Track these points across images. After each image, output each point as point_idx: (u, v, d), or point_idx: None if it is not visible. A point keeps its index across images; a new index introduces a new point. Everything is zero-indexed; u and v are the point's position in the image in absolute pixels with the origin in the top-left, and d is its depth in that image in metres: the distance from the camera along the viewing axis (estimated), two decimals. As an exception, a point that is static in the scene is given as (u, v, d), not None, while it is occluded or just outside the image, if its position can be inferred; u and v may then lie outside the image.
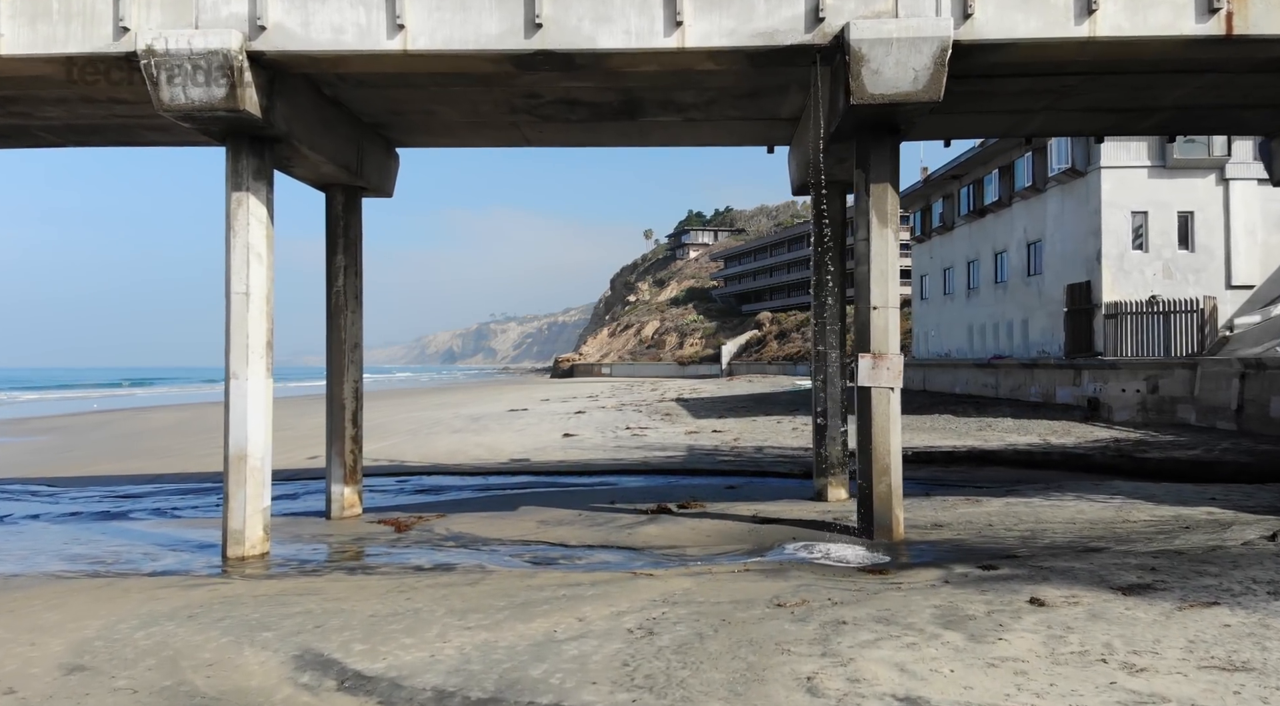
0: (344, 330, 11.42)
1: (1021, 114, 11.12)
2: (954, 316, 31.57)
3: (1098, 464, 14.31)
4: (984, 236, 28.38)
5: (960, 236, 30.54)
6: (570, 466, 15.64)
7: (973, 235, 29.37)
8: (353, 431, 11.50)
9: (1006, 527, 9.08)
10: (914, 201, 33.94)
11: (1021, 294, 25.18)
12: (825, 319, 11.26)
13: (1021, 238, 25.05)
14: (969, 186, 28.61)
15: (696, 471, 14.85)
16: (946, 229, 31.53)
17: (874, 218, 8.72)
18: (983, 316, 28.79)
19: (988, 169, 26.87)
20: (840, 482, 11.18)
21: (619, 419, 26.50)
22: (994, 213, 27.18)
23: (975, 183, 28.07)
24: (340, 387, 11.42)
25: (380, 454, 18.53)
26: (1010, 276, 26.18)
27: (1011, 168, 25.15)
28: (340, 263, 11.41)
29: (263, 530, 9.06)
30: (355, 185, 11.41)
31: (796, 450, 16.80)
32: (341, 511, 11.29)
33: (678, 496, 11.99)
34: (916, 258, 35.89)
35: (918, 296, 35.90)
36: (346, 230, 11.45)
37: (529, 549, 8.80)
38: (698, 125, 11.18)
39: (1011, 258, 25.98)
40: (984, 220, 28.24)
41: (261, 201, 9.09)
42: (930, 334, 33.63)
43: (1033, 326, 24.48)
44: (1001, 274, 27.00)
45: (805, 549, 8.28)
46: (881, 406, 8.62)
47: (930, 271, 33.65)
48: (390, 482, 14.87)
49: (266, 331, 9.14)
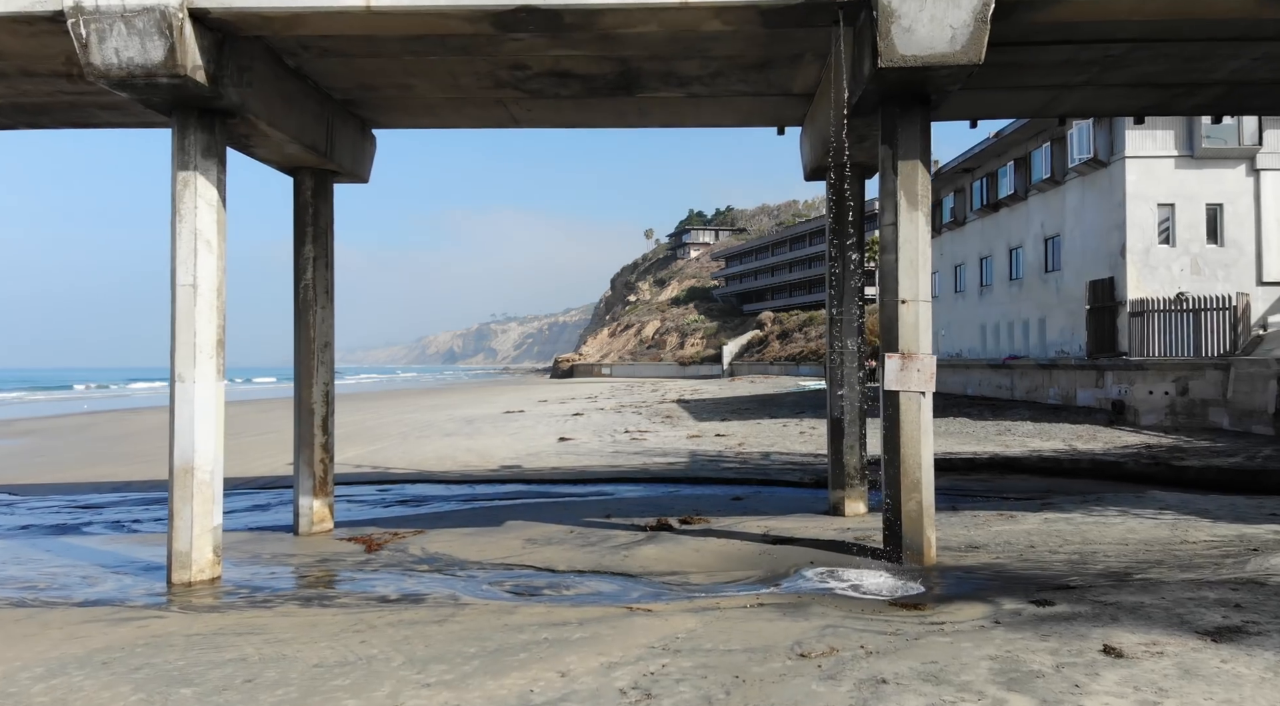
0: (313, 328, 10.40)
1: (1058, 90, 10.10)
2: (966, 315, 30.51)
3: (1132, 472, 13.28)
4: (998, 232, 27.34)
5: (972, 232, 29.47)
6: (564, 474, 14.62)
7: (985, 230, 28.31)
8: (323, 439, 10.47)
9: (1051, 549, 8.05)
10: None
11: (1038, 291, 24.13)
12: (842, 315, 10.23)
13: (1039, 232, 23.99)
14: (982, 180, 27.55)
15: (699, 480, 13.83)
16: (957, 224, 30.45)
17: (902, 200, 7.70)
18: (996, 315, 27.75)
19: (1002, 161, 25.82)
20: (859, 495, 10.15)
21: (618, 421, 25.48)
22: (1008, 207, 26.12)
23: (989, 176, 27.02)
24: (309, 391, 10.39)
25: (365, 459, 17.54)
26: (1026, 273, 25.13)
27: (1028, 159, 24.09)
28: (309, 253, 10.40)
29: (212, 552, 8.04)
30: (325, 168, 10.39)
31: (806, 456, 15.78)
32: (310, 527, 10.28)
33: (679, 509, 10.98)
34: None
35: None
36: (316, 218, 10.43)
37: (511, 574, 7.77)
38: (701, 102, 10.15)
39: (1027, 253, 24.93)
40: (998, 215, 27.19)
41: (211, 182, 8.07)
42: (940, 333, 32.56)
43: (1050, 325, 23.43)
44: (1017, 270, 25.95)
45: (826, 576, 7.25)
46: (911, 413, 7.60)
47: (940, 269, 32.57)
48: (371, 492, 13.87)
49: (217, 328, 8.12)
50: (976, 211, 28.32)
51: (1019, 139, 24.13)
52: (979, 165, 27.79)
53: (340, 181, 11.00)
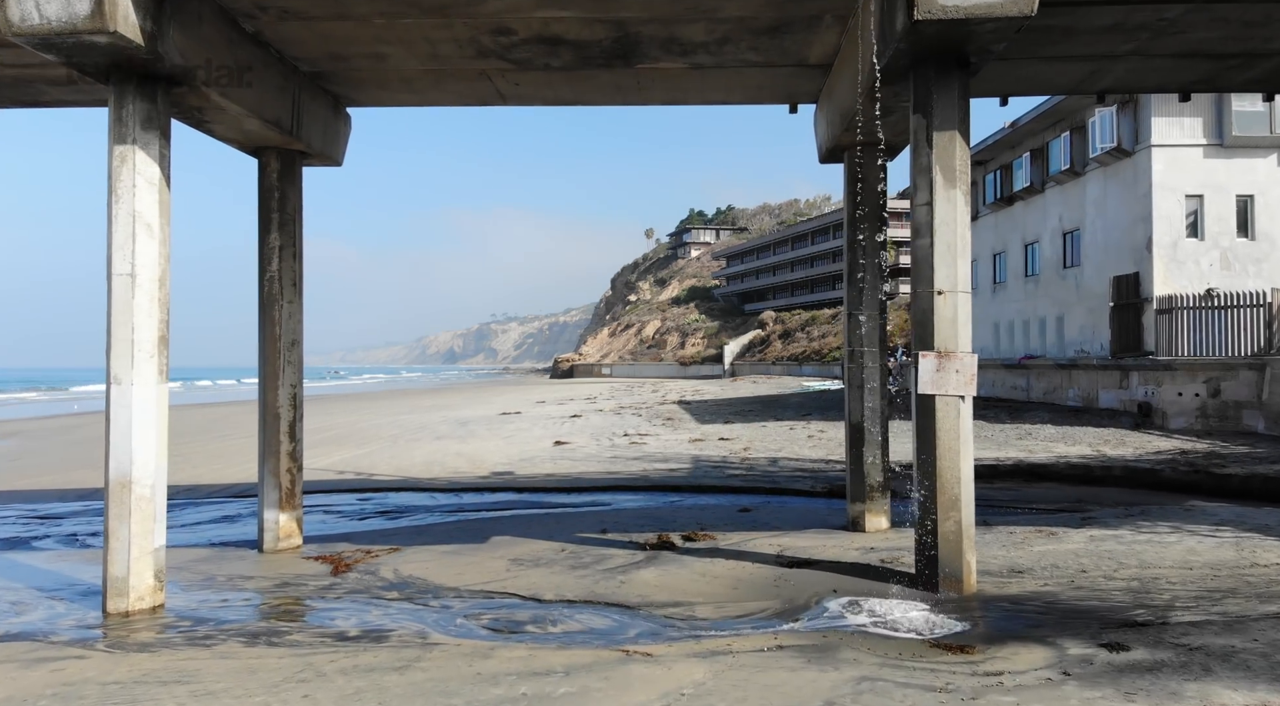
0: (278, 324, 9.44)
1: (1101, 61, 9.13)
2: (978, 313, 29.44)
3: (1169, 481, 12.32)
4: (1012, 226, 26.34)
5: (985, 227, 28.46)
6: (558, 482, 13.66)
7: (999, 225, 27.30)
8: (290, 446, 9.51)
9: (1106, 574, 7.09)
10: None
11: (1056, 288, 23.14)
12: (861, 310, 9.27)
13: (1056, 226, 23.00)
14: (995, 172, 26.55)
15: (703, 488, 12.87)
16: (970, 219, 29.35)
17: (938, 176, 6.75)
18: (1011, 313, 26.75)
19: (1016, 152, 24.83)
20: (881, 509, 9.19)
21: (617, 424, 24.52)
22: (1024, 200, 25.12)
23: (1003, 168, 26.03)
24: (274, 394, 9.43)
25: (351, 464, 16.59)
26: (1043, 269, 24.13)
27: (1044, 150, 23.10)
28: (275, 242, 9.44)
29: (153, 577, 7.09)
30: (292, 148, 9.44)
31: (817, 463, 14.81)
32: (276, 543, 9.32)
33: (682, 522, 10.03)
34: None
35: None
36: (282, 203, 9.47)
37: (491, 605, 6.81)
38: (707, 74, 9.19)
39: (1044, 249, 23.93)
40: (1012, 209, 26.20)
41: (152, 158, 7.12)
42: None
43: (1069, 323, 22.44)
44: (1033, 266, 24.96)
45: (853, 608, 6.29)
46: (949, 420, 6.64)
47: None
48: (351, 501, 12.92)
49: (159, 323, 7.16)
50: (989, 206, 27.32)
51: (1035, 129, 23.14)
52: (992, 157, 26.79)
53: (310, 164, 10.04)
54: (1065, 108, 21.31)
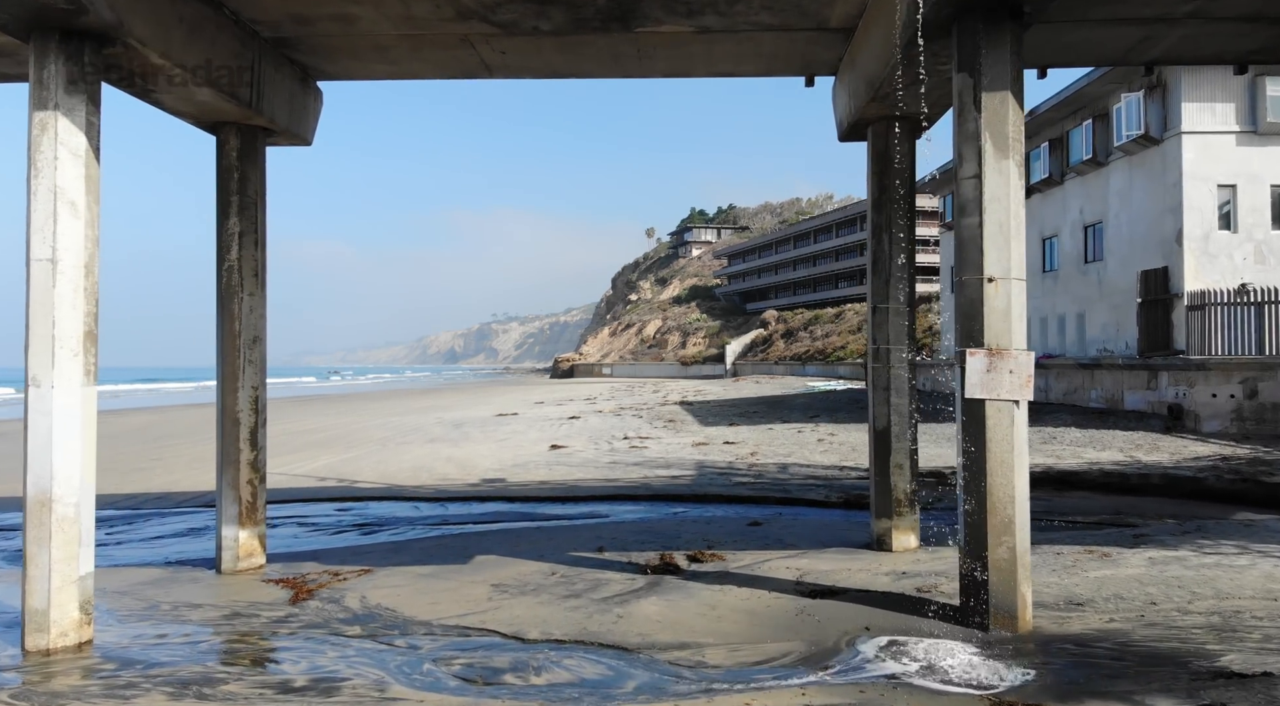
0: (238, 319, 8.47)
1: (1155, 25, 8.15)
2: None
3: (1215, 490, 11.36)
4: (1029, 220, 25.29)
5: (996, 222, 27.42)
6: (552, 490, 12.71)
7: (1013, 220, 26.17)
8: (251, 455, 8.55)
9: (1179, 607, 6.12)
10: (943, 185, 30.93)
11: (1077, 284, 22.16)
12: (888, 303, 8.30)
13: (1077, 219, 22.01)
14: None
15: (708, 498, 11.92)
16: (980, 214, 28.30)
17: (988, 144, 5.79)
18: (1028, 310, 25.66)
19: (1034, 143, 23.82)
20: (909, 526, 8.21)
21: (616, 426, 23.56)
22: (1041, 192, 24.11)
23: (1018, 159, 24.98)
24: (233, 397, 8.47)
25: (334, 470, 15.65)
26: (1062, 264, 23.13)
27: (1064, 140, 22.10)
28: (234, 228, 8.47)
29: (79, 610, 6.14)
30: (253, 125, 8.47)
31: (830, 470, 13.85)
32: (235, 563, 8.37)
33: (687, 538, 9.07)
34: (945, 246, 32.82)
35: (946, 289, 32.79)
36: (243, 185, 8.50)
37: (466, 645, 5.84)
38: (715, 40, 8.22)
39: (1064, 243, 22.93)
40: (1029, 202, 25.19)
41: (77, 126, 6.17)
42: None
43: (1091, 320, 21.44)
44: (1051, 262, 23.96)
45: (892, 652, 5.32)
46: (1001, 428, 5.68)
47: (962, 262, 30.52)
48: (328, 511, 11.98)
49: (85, 316, 6.21)
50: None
51: (1054, 117, 22.14)
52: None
53: (276, 143, 9.09)
54: (1087, 94, 20.33)
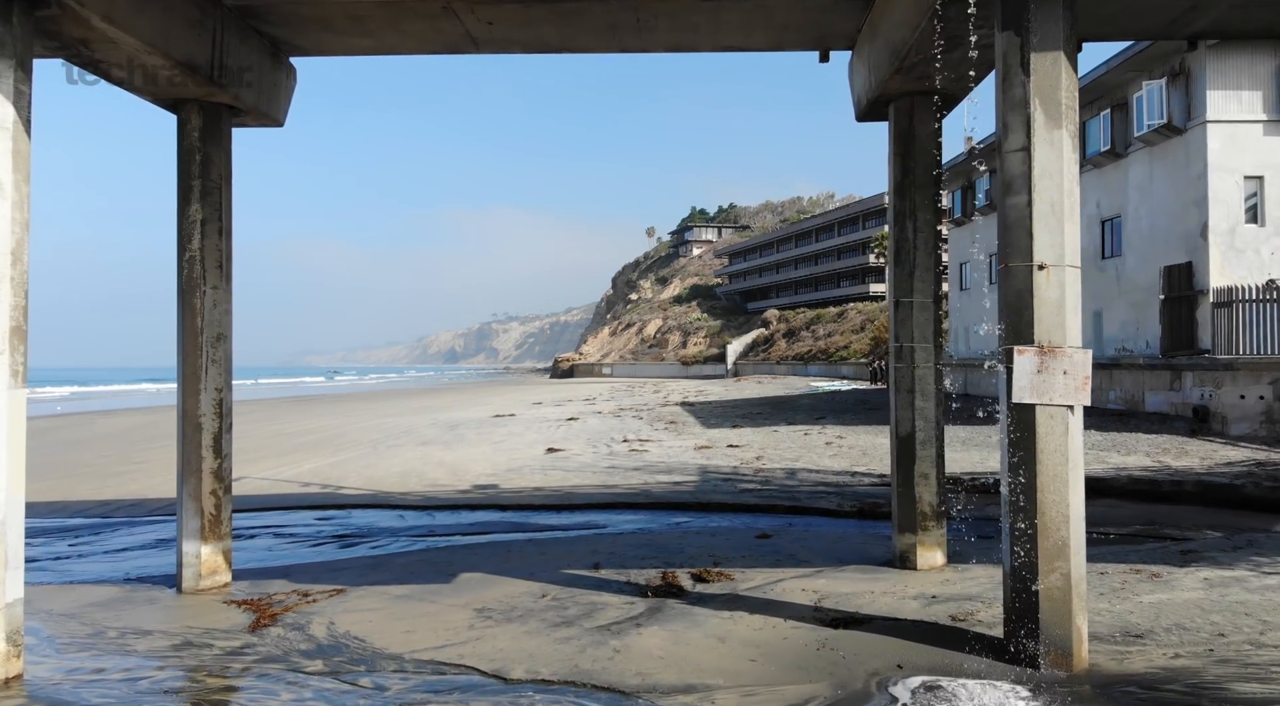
0: (200, 314, 7.74)
1: (1206, -10, 7.42)
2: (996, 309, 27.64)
3: (1254, 499, 10.63)
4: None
5: (1006, 218, 26.68)
6: (546, 497, 11.99)
7: (1024, 215, 25.40)
8: (214, 463, 7.81)
9: (1250, 640, 5.38)
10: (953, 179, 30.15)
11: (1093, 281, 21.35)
12: (912, 296, 7.56)
13: (1093, 213, 21.24)
14: (1023, 157, 24.73)
15: (712, 506, 11.19)
16: (993, 208, 27.57)
17: (1038, 112, 5.06)
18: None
19: (1049, 135, 23.06)
20: (936, 542, 7.48)
21: (616, 428, 22.83)
22: (1054, 187, 23.30)
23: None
24: (195, 400, 7.73)
25: (320, 474, 14.93)
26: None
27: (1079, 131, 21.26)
28: (196, 215, 7.74)
29: (6, 641, 5.42)
30: (217, 102, 7.74)
31: (840, 475, 13.11)
32: (197, 581, 7.64)
33: (691, 553, 8.34)
34: (956, 243, 32.02)
35: (956, 287, 31.98)
36: (205, 168, 7.77)
37: (440, 685, 5.10)
38: (721, 8, 7.48)
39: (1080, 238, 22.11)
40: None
41: (4, 95, 5.44)
42: (973, 330, 29.76)
43: (1108, 319, 20.68)
44: (1065, 258, 23.14)
45: (932, 698, 4.59)
46: (1054, 437, 4.94)
47: (972, 258, 29.74)
48: (308, 520, 11.28)
49: (13, 310, 5.48)
50: (1016, 193, 25.51)
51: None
52: (1018, 142, 24.98)
53: (244, 123, 8.36)
54: (1105, 83, 19.57)
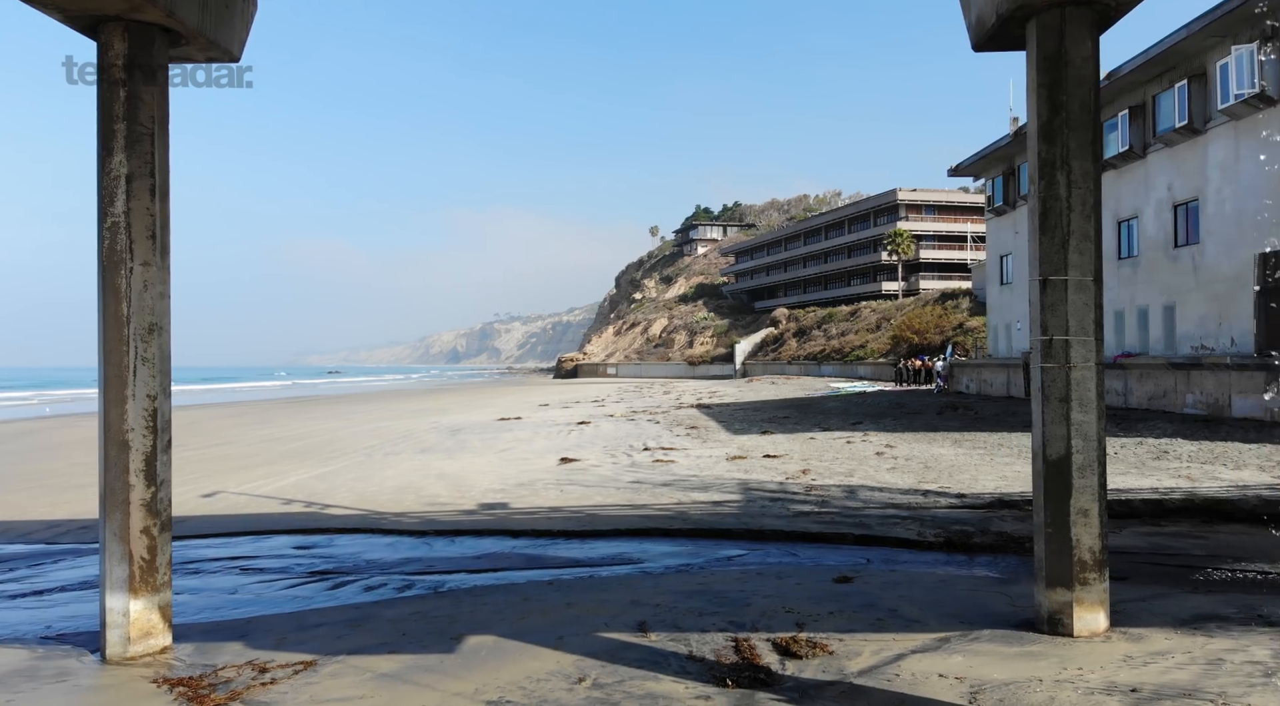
0: (126, 299, 5.89)
1: None
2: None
3: None
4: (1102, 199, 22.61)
5: (1059, 204, 24.65)
6: (566, 521, 10.17)
7: (1079, 201, 23.39)
8: (146, 492, 5.96)
9: None
10: (991, 165, 28.26)
11: (1164, 271, 19.48)
12: (1066, 274, 5.72)
13: (1165, 197, 19.35)
14: (1076, 138, 22.81)
15: (767, 535, 9.35)
16: (1036, 197, 25.51)
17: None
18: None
19: (1110, 112, 21.15)
20: (1098, 599, 5.62)
21: (633, 433, 21.00)
22: (1117, 168, 21.41)
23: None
24: (120, 410, 5.89)
25: (304, 489, 13.12)
26: (1144, 249, 20.46)
27: (1147, 106, 19.43)
28: (119, 169, 5.89)
29: None
30: (145, 20, 5.90)
31: (909, 494, 11.26)
32: (125, 646, 5.81)
33: (759, 605, 6.52)
34: (994, 234, 30.08)
35: (996, 281, 30.00)
36: (131, 108, 5.92)
37: None
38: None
39: (1146, 224, 20.26)
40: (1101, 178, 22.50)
41: None
42: (1016, 327, 27.83)
43: (1183, 313, 18.78)
44: (1129, 247, 21.30)
45: None
46: None
47: (1015, 250, 27.76)
48: (285, 549, 9.49)
49: None
50: (1068, 177, 23.57)
51: (1137, 80, 19.48)
52: (1070, 122, 23.03)
53: (186, 56, 6.53)
54: (1180, 51, 17.70)
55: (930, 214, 75.02)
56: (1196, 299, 18.15)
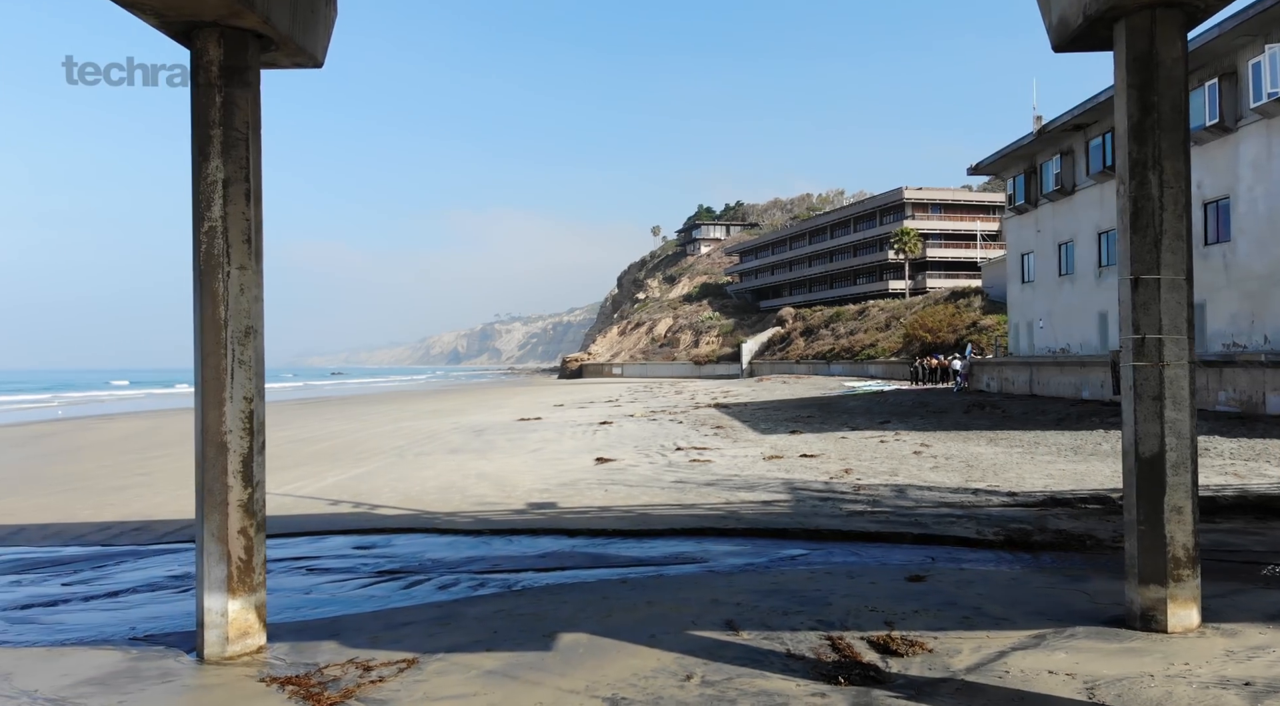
0: (223, 303, 5.96)
1: None
2: (1076, 302, 25.53)
3: None
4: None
5: (1086, 202, 24.69)
6: (618, 521, 10.23)
7: (1106, 199, 23.50)
8: (244, 494, 6.03)
9: None
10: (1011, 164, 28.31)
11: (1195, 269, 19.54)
12: (1159, 274, 5.79)
13: (1194, 195, 19.39)
14: (1101, 137, 22.96)
15: (825, 535, 9.40)
16: (1064, 193, 25.51)
17: None
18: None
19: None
20: (1190, 596, 5.69)
21: (659, 433, 21.07)
22: (1139, 168, 21.40)
23: (1112, 131, 22.48)
24: (218, 412, 5.96)
25: (346, 490, 13.18)
26: (1170, 248, 20.45)
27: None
28: (216, 174, 5.96)
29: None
30: (241, 26, 5.97)
31: (959, 494, 11.32)
32: (223, 646, 5.88)
33: (840, 604, 6.58)
34: (1014, 233, 30.13)
35: (1017, 279, 30.06)
36: (227, 113, 5.99)
37: None
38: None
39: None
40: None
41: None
42: (1038, 325, 27.88)
43: (1214, 311, 18.85)
44: (1154, 245, 21.26)
45: None
46: None
47: (1037, 248, 27.80)
48: (345, 549, 9.55)
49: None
50: (1093, 176, 23.72)
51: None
52: (1095, 120, 23.19)
53: (275, 63, 6.60)
54: (1211, 50, 17.77)
55: (937, 212, 75.09)
56: (1229, 296, 18.21)
